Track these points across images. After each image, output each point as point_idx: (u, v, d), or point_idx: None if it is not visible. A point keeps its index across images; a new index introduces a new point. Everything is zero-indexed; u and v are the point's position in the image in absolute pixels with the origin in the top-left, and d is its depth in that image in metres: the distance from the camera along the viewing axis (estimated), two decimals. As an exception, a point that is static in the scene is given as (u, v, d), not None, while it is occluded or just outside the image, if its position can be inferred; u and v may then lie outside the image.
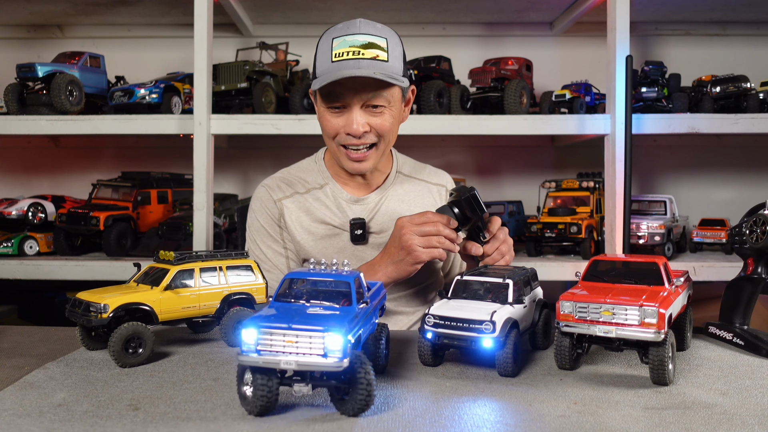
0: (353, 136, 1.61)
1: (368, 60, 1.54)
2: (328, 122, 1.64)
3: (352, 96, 1.57)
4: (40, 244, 2.80)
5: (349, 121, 1.60)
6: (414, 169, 1.91)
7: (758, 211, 1.42)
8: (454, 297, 1.23)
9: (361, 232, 1.72)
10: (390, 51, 1.58)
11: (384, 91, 1.58)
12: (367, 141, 1.63)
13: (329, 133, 1.66)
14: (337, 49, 1.57)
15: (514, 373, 1.13)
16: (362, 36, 1.57)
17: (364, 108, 1.60)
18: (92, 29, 3.39)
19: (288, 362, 0.89)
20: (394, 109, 1.64)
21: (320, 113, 1.68)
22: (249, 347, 0.90)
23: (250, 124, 2.65)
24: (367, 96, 1.58)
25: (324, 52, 1.61)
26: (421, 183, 1.88)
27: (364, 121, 1.60)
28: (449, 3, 3.02)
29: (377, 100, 1.59)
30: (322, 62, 1.61)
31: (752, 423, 0.93)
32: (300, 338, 0.89)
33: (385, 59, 1.56)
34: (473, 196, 1.45)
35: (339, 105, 1.60)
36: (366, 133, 1.61)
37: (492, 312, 1.12)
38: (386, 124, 1.63)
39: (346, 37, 1.57)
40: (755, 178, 3.42)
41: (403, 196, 1.82)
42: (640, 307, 1.06)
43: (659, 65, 2.85)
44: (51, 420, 0.92)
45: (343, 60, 1.55)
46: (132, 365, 1.19)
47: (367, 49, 1.55)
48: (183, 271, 1.30)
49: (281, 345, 0.90)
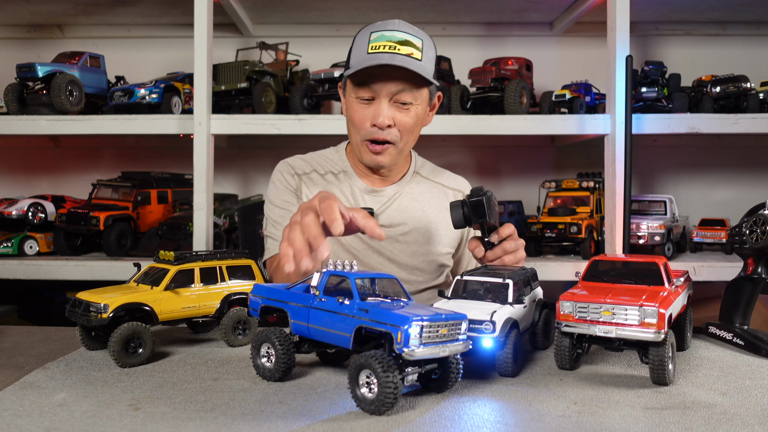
0: (378, 128, 1.63)
1: (403, 56, 1.58)
2: (356, 112, 1.66)
3: (382, 87, 1.60)
4: (40, 244, 2.80)
5: (376, 113, 1.62)
6: (432, 172, 1.94)
7: (758, 211, 1.42)
8: (454, 297, 1.23)
9: None
10: (424, 52, 1.62)
11: (413, 88, 1.62)
12: (388, 137, 1.65)
13: (356, 123, 1.68)
14: (374, 42, 1.60)
15: (514, 373, 1.13)
16: (400, 33, 1.61)
17: (392, 103, 1.63)
18: (92, 29, 3.39)
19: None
20: (419, 109, 1.67)
21: (349, 104, 1.70)
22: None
23: (250, 124, 2.65)
24: (396, 89, 1.61)
25: (360, 45, 1.64)
26: (438, 186, 1.90)
27: (390, 114, 1.63)
28: (449, 3, 3.02)
29: (405, 96, 1.62)
30: (357, 53, 1.64)
31: (752, 423, 0.93)
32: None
33: (419, 58, 1.60)
34: (479, 201, 1.42)
35: (368, 96, 1.63)
36: (390, 127, 1.64)
37: (492, 312, 1.12)
38: (410, 122, 1.66)
39: (384, 32, 1.61)
40: (755, 178, 3.42)
41: (418, 196, 1.84)
42: (640, 307, 1.06)
43: (659, 65, 2.85)
44: (51, 420, 0.92)
45: (379, 53, 1.59)
46: (132, 365, 1.19)
47: (403, 45, 1.59)
48: (183, 271, 1.30)
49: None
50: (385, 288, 1.08)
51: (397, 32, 1.61)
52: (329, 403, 1.00)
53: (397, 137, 1.66)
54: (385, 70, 1.58)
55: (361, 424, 0.91)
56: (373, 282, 1.07)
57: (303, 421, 0.92)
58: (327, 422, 0.92)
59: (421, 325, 0.94)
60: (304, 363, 1.22)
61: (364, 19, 3.25)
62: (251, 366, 1.19)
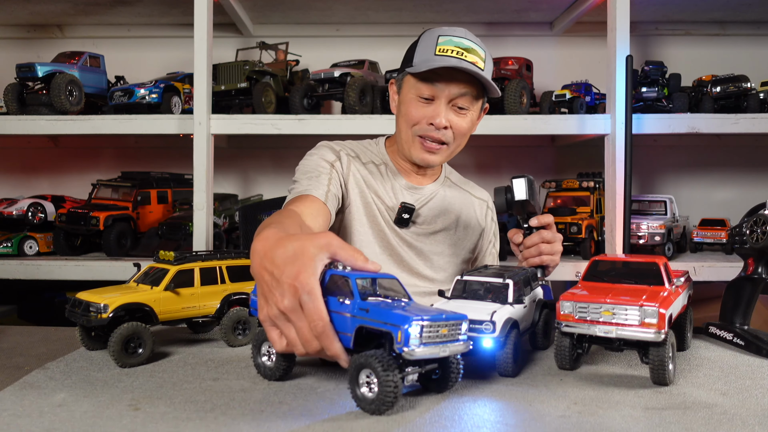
0: (435, 127, 1.66)
1: (469, 63, 1.61)
2: (415, 109, 1.68)
3: (445, 87, 1.63)
4: (40, 244, 2.80)
5: (435, 113, 1.65)
6: (460, 180, 1.98)
7: (758, 211, 1.42)
8: (455, 297, 1.23)
9: (408, 216, 1.76)
10: (486, 63, 1.66)
11: (472, 95, 1.66)
12: (442, 137, 1.68)
13: (411, 121, 1.69)
14: (442, 45, 1.63)
15: (514, 373, 1.13)
16: (467, 41, 1.64)
17: (450, 106, 1.66)
18: (92, 29, 3.39)
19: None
20: (473, 115, 1.71)
21: (406, 100, 1.71)
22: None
23: (250, 124, 2.65)
24: (458, 92, 1.64)
25: (427, 45, 1.65)
26: (466, 193, 1.94)
27: (447, 116, 1.66)
28: (449, 3, 3.02)
29: (464, 101, 1.65)
30: (423, 53, 1.65)
31: (752, 423, 0.93)
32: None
33: (481, 68, 1.63)
34: (520, 182, 1.48)
35: (429, 95, 1.66)
36: (445, 129, 1.67)
37: (492, 312, 1.11)
38: (464, 127, 1.69)
39: (453, 38, 1.64)
40: (755, 178, 3.41)
41: (450, 199, 1.88)
42: (640, 307, 1.06)
43: (659, 65, 2.85)
44: (51, 420, 0.92)
45: (447, 55, 1.61)
46: (132, 365, 1.19)
47: (469, 53, 1.62)
48: (183, 271, 1.29)
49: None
50: (386, 288, 1.08)
51: (465, 39, 1.64)
52: (329, 403, 1.00)
53: (451, 139, 1.70)
54: (450, 73, 1.62)
55: (361, 424, 0.91)
56: (374, 282, 1.06)
57: (303, 421, 0.92)
58: (327, 422, 0.92)
59: (421, 324, 0.94)
60: (304, 363, 1.22)
61: (364, 19, 3.26)
62: (251, 366, 1.19)
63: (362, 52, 3.18)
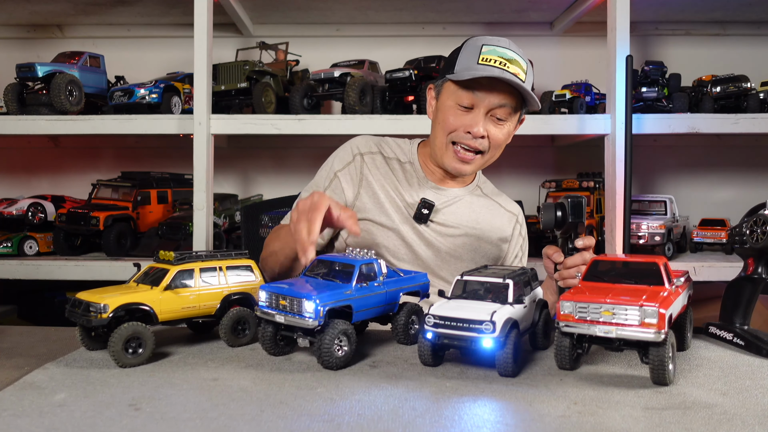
0: (472, 136, 1.67)
1: (511, 73, 1.61)
2: (453, 116, 1.69)
3: (485, 97, 1.64)
4: (40, 244, 2.80)
5: (474, 122, 1.66)
6: (492, 191, 1.98)
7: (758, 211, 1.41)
8: (454, 297, 1.23)
9: (427, 212, 1.77)
10: (527, 75, 1.66)
11: (511, 107, 1.66)
12: (479, 146, 1.69)
13: (449, 127, 1.70)
14: (486, 54, 1.64)
15: (514, 373, 1.13)
16: (510, 52, 1.64)
17: (489, 116, 1.67)
18: (92, 29, 3.39)
19: (280, 317, 1.20)
20: (510, 127, 1.72)
21: (444, 107, 1.72)
22: (263, 303, 1.23)
23: (250, 124, 2.65)
24: (497, 103, 1.64)
25: (470, 53, 1.66)
26: (496, 205, 1.93)
27: (485, 126, 1.67)
28: (449, 3, 3.02)
29: (502, 112, 1.66)
30: (466, 60, 1.66)
31: (752, 423, 0.93)
32: (289, 302, 1.19)
33: (523, 79, 1.64)
34: (579, 202, 1.50)
35: (468, 104, 1.66)
36: (482, 138, 1.68)
37: (492, 312, 1.11)
38: (501, 137, 1.70)
39: (496, 48, 1.64)
40: (755, 178, 3.41)
41: (476, 207, 1.87)
42: (640, 308, 1.06)
43: (659, 65, 2.85)
44: (51, 420, 0.92)
45: (490, 65, 1.62)
46: (132, 365, 1.19)
47: (511, 64, 1.63)
48: (183, 271, 1.29)
49: (279, 305, 1.21)
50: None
51: (508, 50, 1.64)
52: (329, 403, 1.00)
53: (487, 148, 1.71)
54: (491, 83, 1.62)
55: (361, 423, 0.91)
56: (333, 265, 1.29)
57: (303, 421, 0.92)
58: (326, 422, 0.92)
59: (264, 291, 1.23)
60: (304, 363, 1.22)
61: (364, 19, 3.25)
62: (251, 366, 1.19)
63: (362, 52, 3.18)
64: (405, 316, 1.33)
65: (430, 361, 1.19)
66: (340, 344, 1.17)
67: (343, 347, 1.18)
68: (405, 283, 1.36)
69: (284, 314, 1.19)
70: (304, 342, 1.21)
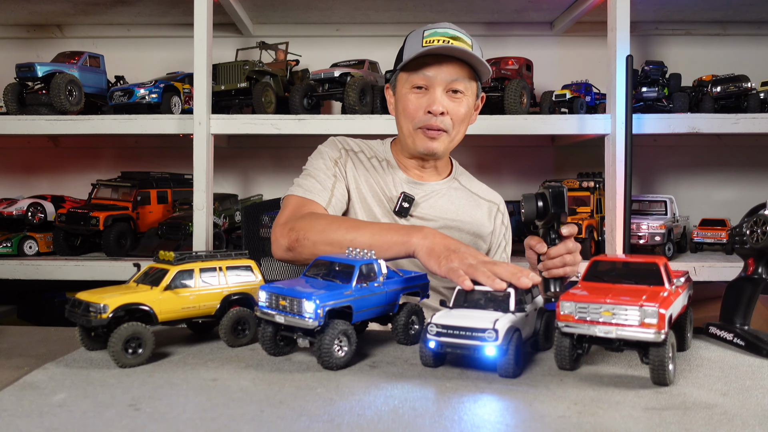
0: (433, 115, 1.68)
1: (458, 47, 1.63)
2: (410, 102, 1.71)
3: (437, 73, 1.66)
4: (40, 244, 2.80)
5: (431, 101, 1.68)
6: (470, 182, 1.98)
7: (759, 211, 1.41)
8: (456, 306, 1.23)
9: (407, 206, 1.78)
10: (474, 48, 1.68)
11: (465, 78, 1.68)
12: (442, 125, 1.70)
13: (410, 114, 1.72)
14: (429, 37, 1.67)
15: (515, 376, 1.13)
16: (453, 31, 1.67)
17: (445, 92, 1.68)
18: (92, 29, 3.39)
19: (280, 318, 1.20)
20: (470, 100, 1.73)
21: (401, 96, 1.74)
22: (262, 303, 1.23)
23: (250, 124, 2.65)
24: (450, 77, 1.66)
25: (414, 41, 1.69)
26: (474, 196, 1.94)
27: (444, 103, 1.68)
28: (449, 3, 3.02)
29: (459, 84, 1.68)
30: (411, 48, 1.69)
31: (753, 424, 0.93)
32: (289, 302, 1.18)
33: (470, 50, 1.66)
34: (561, 192, 1.45)
35: (422, 84, 1.68)
36: (443, 115, 1.69)
37: (494, 320, 1.11)
38: (462, 112, 1.71)
39: (438, 29, 1.67)
40: (756, 178, 3.41)
41: (455, 200, 1.88)
42: (640, 308, 1.06)
43: (659, 65, 2.85)
44: (51, 420, 0.92)
45: (434, 45, 1.64)
46: (132, 365, 1.19)
47: (456, 41, 1.66)
48: (183, 272, 1.29)
49: (279, 305, 1.20)
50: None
51: (450, 29, 1.67)
52: (329, 403, 1.00)
53: (450, 126, 1.72)
54: (440, 60, 1.65)
55: (361, 423, 0.91)
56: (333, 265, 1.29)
57: (303, 421, 0.92)
58: (326, 423, 0.92)
59: (264, 292, 1.22)
60: (304, 363, 1.22)
61: (364, 19, 3.25)
62: (251, 366, 1.19)
63: (362, 52, 3.18)
64: (405, 316, 1.33)
65: (431, 365, 1.19)
66: (340, 344, 1.17)
67: (343, 347, 1.18)
68: (405, 283, 1.36)
69: (284, 314, 1.19)
70: (304, 342, 1.21)
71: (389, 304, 1.32)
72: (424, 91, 1.70)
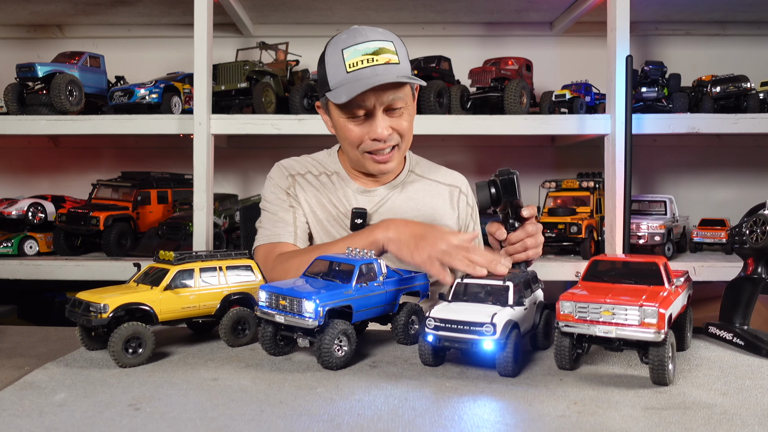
0: (379, 141, 1.64)
1: (383, 65, 1.58)
2: (351, 131, 1.66)
3: (374, 102, 1.60)
4: (40, 244, 2.80)
5: (373, 127, 1.63)
6: (428, 169, 1.94)
7: (758, 211, 1.42)
8: (455, 300, 1.23)
9: (361, 221, 1.75)
10: (398, 53, 1.62)
11: (401, 92, 1.63)
12: (391, 143, 1.67)
13: (353, 142, 1.68)
14: (350, 60, 1.59)
15: (514, 373, 1.13)
16: (371, 43, 1.59)
17: (385, 112, 1.64)
18: (92, 29, 3.39)
19: (280, 317, 1.20)
20: (410, 108, 1.69)
21: (340, 124, 1.68)
22: (263, 303, 1.24)
23: (250, 124, 2.65)
24: (387, 100, 1.61)
25: (335, 64, 1.61)
26: (433, 183, 1.91)
27: (386, 124, 1.64)
28: (449, 3, 3.02)
29: (397, 103, 1.63)
30: (336, 74, 1.61)
31: (752, 423, 0.93)
32: (289, 302, 1.19)
33: (396, 62, 1.60)
34: (510, 179, 1.43)
35: (360, 114, 1.63)
36: (389, 135, 1.66)
37: (492, 314, 1.12)
38: (406, 125, 1.68)
39: (356, 47, 1.59)
40: (755, 178, 3.41)
41: (412, 195, 1.85)
42: (640, 307, 1.06)
43: (659, 65, 2.85)
44: (51, 420, 0.92)
45: (359, 69, 1.57)
46: (132, 365, 1.19)
47: (378, 55, 1.59)
48: (183, 271, 1.29)
49: (279, 305, 1.21)
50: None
51: (368, 42, 1.58)
52: (329, 403, 1.00)
53: (399, 140, 1.69)
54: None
55: (361, 423, 0.91)
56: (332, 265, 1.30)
57: (303, 421, 0.92)
58: (327, 422, 0.92)
59: (264, 292, 1.24)
60: (304, 363, 1.22)
61: (364, 19, 3.25)
62: (251, 366, 1.19)
63: (362, 52, 3.18)
64: (405, 316, 1.33)
65: (430, 362, 1.19)
66: (340, 344, 1.17)
67: (343, 347, 1.18)
68: (405, 283, 1.36)
69: (284, 314, 1.19)
70: (304, 342, 1.22)
71: (389, 304, 1.32)
72: (362, 118, 1.64)
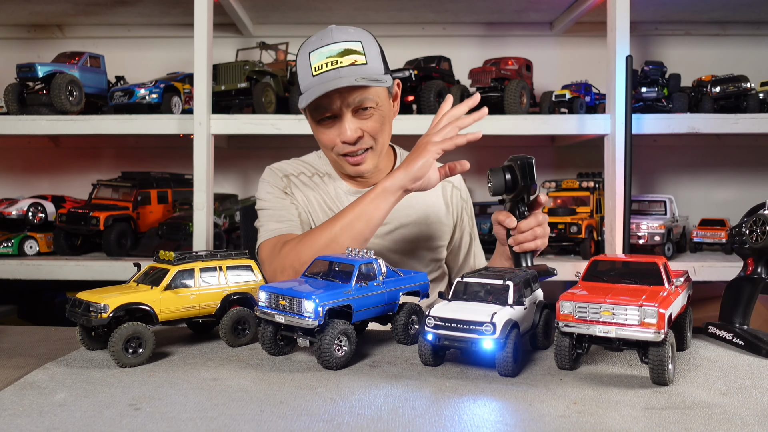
0: (348, 144, 1.62)
1: (347, 67, 1.55)
2: (323, 134, 1.66)
3: (340, 105, 1.58)
4: (40, 244, 2.80)
5: (342, 130, 1.61)
6: None
7: (758, 211, 1.41)
8: (455, 299, 1.23)
9: None
10: (367, 53, 1.59)
11: (369, 93, 1.59)
12: (363, 146, 1.65)
13: (326, 146, 1.68)
14: (316, 63, 1.58)
15: (514, 373, 1.13)
16: (337, 45, 1.57)
17: (355, 113, 1.61)
18: (92, 29, 3.39)
19: (280, 317, 1.20)
20: (383, 108, 1.65)
21: (313, 128, 1.70)
22: (262, 303, 1.24)
23: (250, 124, 2.65)
24: (354, 101, 1.58)
25: (303, 67, 1.61)
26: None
27: (356, 126, 1.61)
28: (449, 3, 3.02)
29: (365, 103, 1.60)
30: (304, 78, 1.61)
31: (752, 423, 0.93)
32: (289, 301, 1.19)
33: (363, 62, 1.58)
34: (529, 162, 1.42)
35: (329, 116, 1.62)
36: (360, 138, 1.63)
37: (492, 313, 1.12)
38: (377, 126, 1.64)
39: (322, 49, 1.58)
40: (755, 178, 3.42)
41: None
42: (639, 307, 1.06)
43: (659, 65, 2.85)
44: (51, 420, 0.92)
45: (323, 72, 1.56)
46: (132, 365, 1.19)
47: (344, 56, 1.56)
48: (183, 271, 1.30)
49: (279, 305, 1.21)
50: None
51: (334, 44, 1.57)
52: (329, 403, 1.00)
53: (372, 142, 1.66)
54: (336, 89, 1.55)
55: (361, 423, 0.91)
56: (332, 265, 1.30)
57: (303, 421, 0.92)
58: (327, 422, 0.92)
59: (264, 292, 1.23)
60: (304, 363, 1.22)
61: (364, 19, 3.26)
62: (251, 366, 1.19)
63: (362, 52, 3.18)
64: (405, 316, 1.33)
65: (430, 361, 1.19)
66: (340, 344, 1.17)
67: (343, 347, 1.18)
68: (405, 282, 1.36)
69: (284, 314, 1.19)
70: (304, 342, 1.22)
71: (389, 304, 1.32)
72: (332, 120, 1.62)
